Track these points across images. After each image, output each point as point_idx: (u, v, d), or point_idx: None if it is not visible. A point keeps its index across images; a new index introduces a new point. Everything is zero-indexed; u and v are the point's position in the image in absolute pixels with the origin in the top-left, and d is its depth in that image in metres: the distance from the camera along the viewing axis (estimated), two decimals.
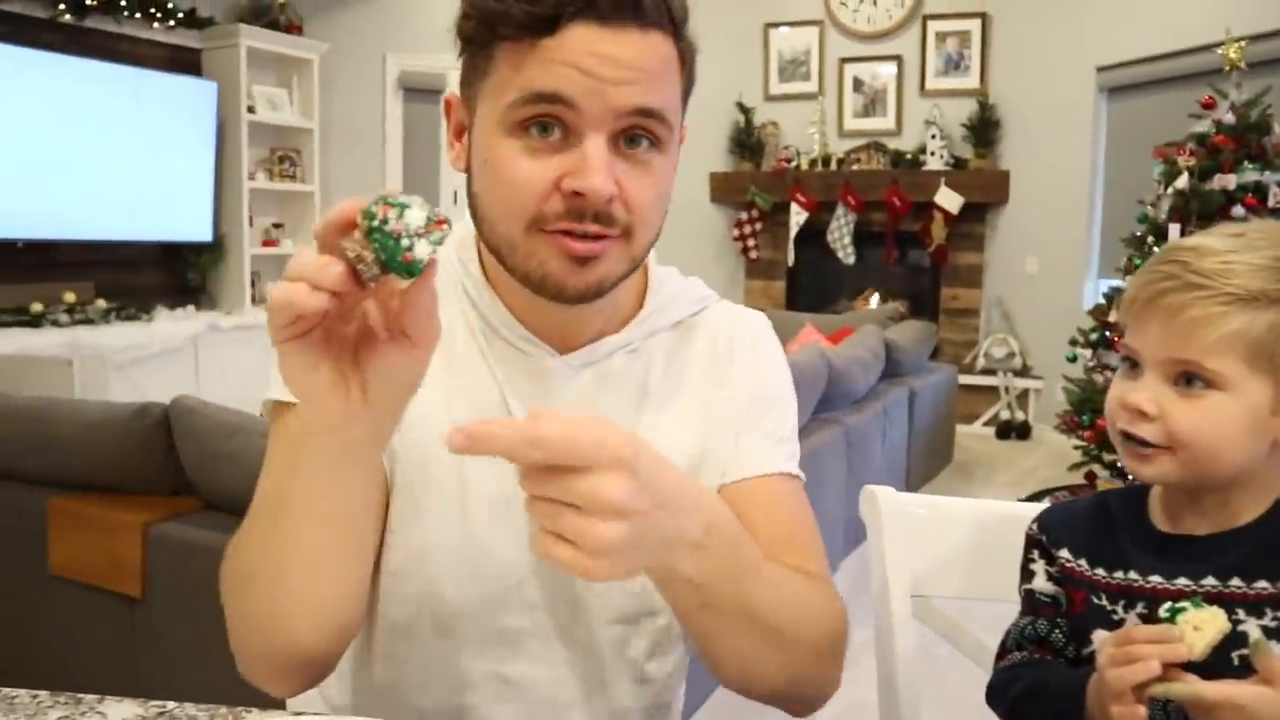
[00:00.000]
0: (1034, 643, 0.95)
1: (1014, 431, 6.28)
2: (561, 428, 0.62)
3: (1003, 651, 0.98)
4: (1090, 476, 4.80)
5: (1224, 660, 0.80)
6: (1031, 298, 6.39)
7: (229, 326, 5.48)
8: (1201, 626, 0.76)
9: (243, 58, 5.79)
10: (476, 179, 0.86)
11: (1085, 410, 4.61)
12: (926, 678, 1.16)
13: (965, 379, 6.15)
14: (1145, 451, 0.87)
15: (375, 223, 0.64)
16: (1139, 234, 4.69)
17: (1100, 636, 0.89)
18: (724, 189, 7.17)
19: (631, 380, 0.96)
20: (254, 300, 5.94)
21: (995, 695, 0.95)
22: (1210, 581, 0.85)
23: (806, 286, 7.17)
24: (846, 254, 6.77)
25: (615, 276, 0.87)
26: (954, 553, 1.12)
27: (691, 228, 7.19)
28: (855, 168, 6.82)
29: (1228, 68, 4.44)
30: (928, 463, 5.14)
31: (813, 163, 6.92)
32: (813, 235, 6.85)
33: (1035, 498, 4.69)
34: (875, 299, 6.88)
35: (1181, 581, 0.87)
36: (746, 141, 7.07)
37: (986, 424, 6.47)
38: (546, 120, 0.81)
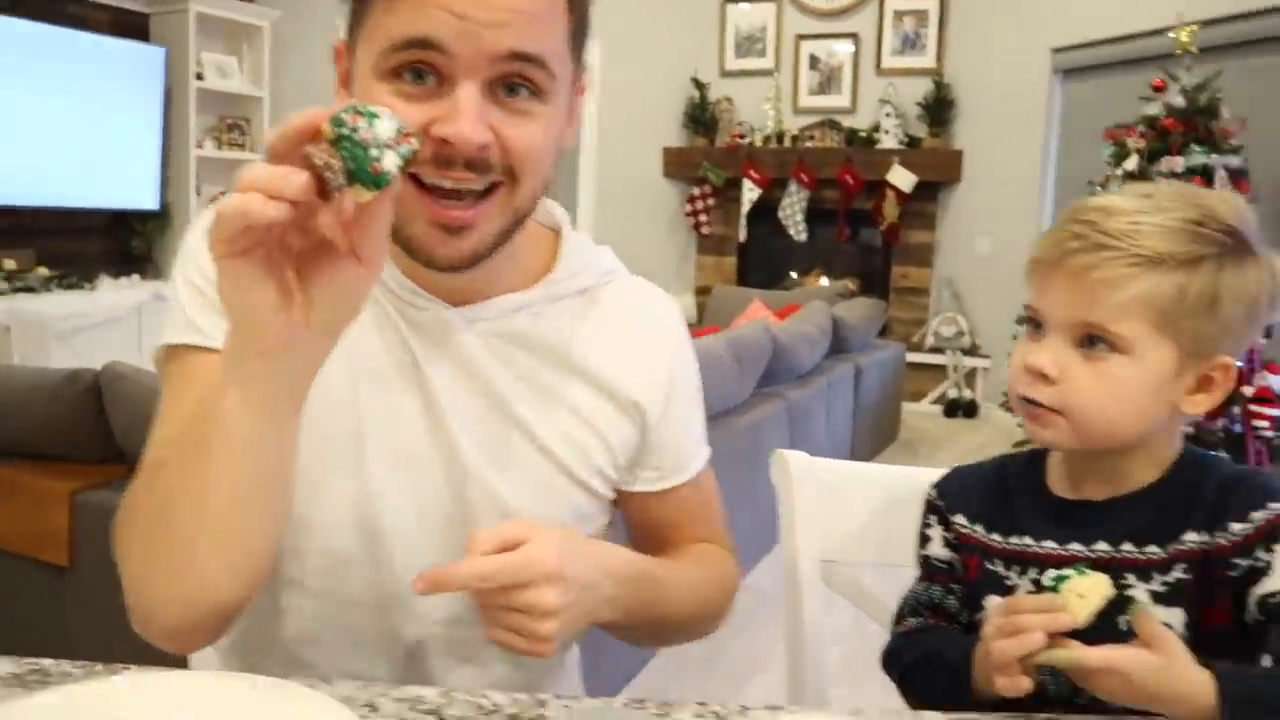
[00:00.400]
0: (929, 609, 0.97)
1: (961, 410, 6.36)
2: (500, 561, 0.77)
3: (899, 617, 0.99)
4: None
5: (1111, 626, 0.81)
6: (982, 277, 6.45)
7: (173, 294, 5.39)
8: (1086, 594, 0.77)
9: (191, 23, 5.67)
10: None
11: None
12: (834, 643, 1.18)
13: (914, 357, 6.21)
14: (1043, 415, 0.87)
15: (345, 130, 0.63)
16: None
17: (993, 603, 0.91)
18: (677, 164, 7.16)
19: (538, 342, 0.94)
20: None
21: (890, 661, 0.96)
22: (1102, 547, 0.87)
23: (758, 263, 7.19)
24: (798, 231, 6.79)
25: (492, 239, 0.84)
26: (864, 519, 1.13)
27: (644, 203, 7.18)
28: (809, 145, 6.84)
29: (1179, 51, 4.50)
30: (873, 439, 5.19)
31: (766, 139, 6.92)
32: (765, 212, 6.86)
33: None
34: (825, 277, 6.91)
35: (1074, 547, 0.88)
36: (700, 117, 7.05)
37: (934, 402, 6.54)
38: (420, 67, 0.79)
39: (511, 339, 0.93)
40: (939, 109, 6.51)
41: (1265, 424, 4.19)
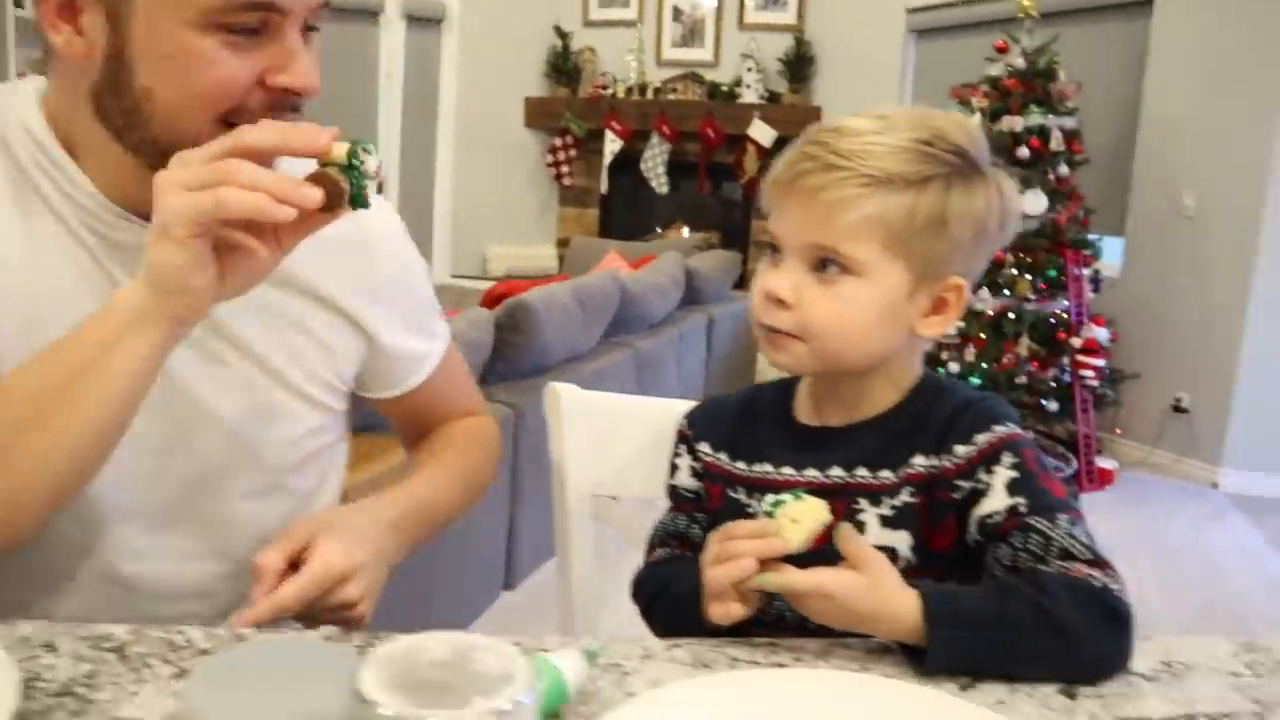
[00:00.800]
0: (675, 538, 0.95)
1: None
2: (300, 587, 0.81)
3: (650, 548, 0.98)
4: None
5: (835, 550, 0.80)
6: None
7: None
8: (799, 519, 0.76)
9: None
10: (148, 73, 0.80)
11: None
12: (608, 575, 1.16)
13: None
14: (781, 340, 0.86)
15: (357, 162, 0.73)
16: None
17: (715, 533, 0.89)
18: (539, 114, 7.04)
19: None
20: None
21: (637, 590, 0.94)
22: (837, 472, 0.86)
23: (620, 215, 7.15)
24: (660, 183, 6.77)
25: None
26: (633, 452, 1.11)
27: (505, 152, 7.05)
28: (671, 97, 6.80)
29: (1021, 15, 4.62)
30: (725, 389, 5.21)
31: (629, 91, 6.86)
32: (627, 164, 6.81)
33: None
34: (686, 229, 6.92)
35: (810, 473, 0.87)
36: (563, 67, 6.94)
37: None
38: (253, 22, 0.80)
39: None
40: (799, 65, 6.55)
41: (1091, 374, 4.39)
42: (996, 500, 0.81)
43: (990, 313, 4.40)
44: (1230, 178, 4.42)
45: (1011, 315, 4.38)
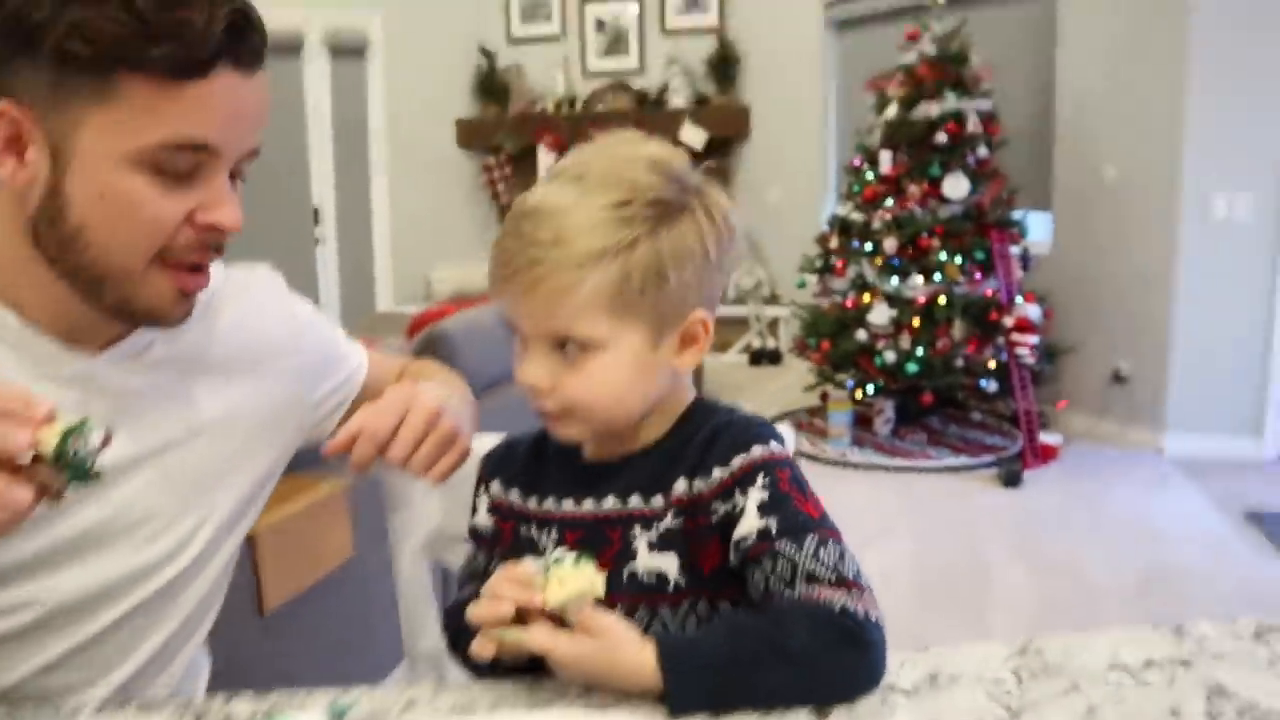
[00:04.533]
0: (477, 578, 0.96)
1: (765, 358, 6.51)
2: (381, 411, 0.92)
3: (460, 585, 0.99)
4: (824, 396, 5.05)
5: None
6: (776, 228, 6.59)
7: None
8: (565, 581, 0.76)
9: None
10: (82, 207, 0.83)
11: (812, 334, 4.83)
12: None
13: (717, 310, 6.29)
14: (556, 419, 0.88)
15: (67, 457, 0.70)
16: (857, 162, 4.91)
17: (499, 570, 0.90)
18: (470, 134, 7.03)
19: (182, 364, 0.99)
20: None
21: (444, 630, 0.95)
22: (610, 503, 0.88)
23: None
24: None
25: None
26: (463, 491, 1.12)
27: (439, 176, 7.03)
28: (601, 108, 6.82)
29: (930, 3, 4.67)
30: None
31: (559, 105, 6.87)
32: None
33: (777, 419, 4.88)
34: None
35: (588, 505, 0.89)
36: (491, 86, 6.93)
37: (740, 352, 6.68)
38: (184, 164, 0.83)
39: (158, 367, 0.97)
40: (724, 66, 6.58)
41: (1026, 351, 4.43)
42: (749, 523, 0.82)
43: (921, 299, 4.44)
44: (1148, 145, 4.48)
45: (943, 300, 4.43)
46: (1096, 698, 0.75)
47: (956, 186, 4.47)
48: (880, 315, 4.48)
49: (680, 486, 0.86)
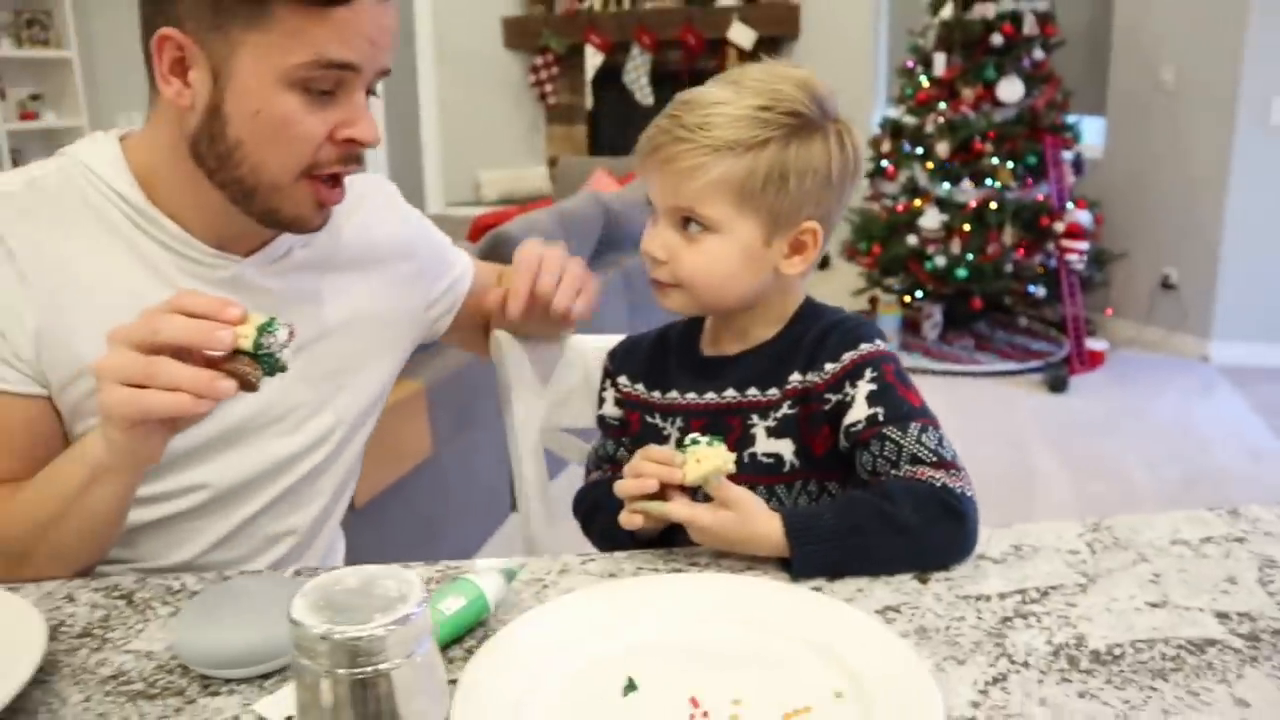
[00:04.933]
0: (606, 461, 1.08)
1: None
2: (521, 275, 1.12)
3: (587, 471, 1.11)
4: (873, 300, 5.11)
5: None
6: None
7: None
8: (702, 460, 0.86)
9: None
10: (239, 125, 0.92)
11: (863, 239, 4.87)
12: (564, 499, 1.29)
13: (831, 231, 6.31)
14: (663, 288, 0.98)
15: (263, 350, 0.79)
16: (910, 64, 4.88)
17: (639, 451, 1.01)
18: (517, 34, 7.01)
19: (314, 267, 1.09)
20: None
21: (576, 509, 1.07)
22: (730, 393, 0.99)
23: (608, 129, 7.16)
24: (644, 94, 6.77)
25: None
26: (580, 386, 1.23)
27: (486, 76, 7.04)
28: (649, 6, 6.75)
29: None
30: None
31: (605, 3, 6.81)
32: (610, 77, 6.81)
33: None
34: None
35: (709, 396, 0.99)
36: None
37: None
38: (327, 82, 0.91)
39: (294, 269, 1.07)
40: None
41: (1076, 257, 4.46)
42: (858, 410, 0.93)
43: (973, 204, 4.46)
44: (1207, 49, 4.42)
45: (994, 205, 4.44)
46: (1161, 567, 0.86)
47: (1011, 90, 4.44)
48: (931, 220, 4.51)
49: (795, 379, 0.96)
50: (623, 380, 1.07)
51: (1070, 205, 4.46)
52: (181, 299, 0.80)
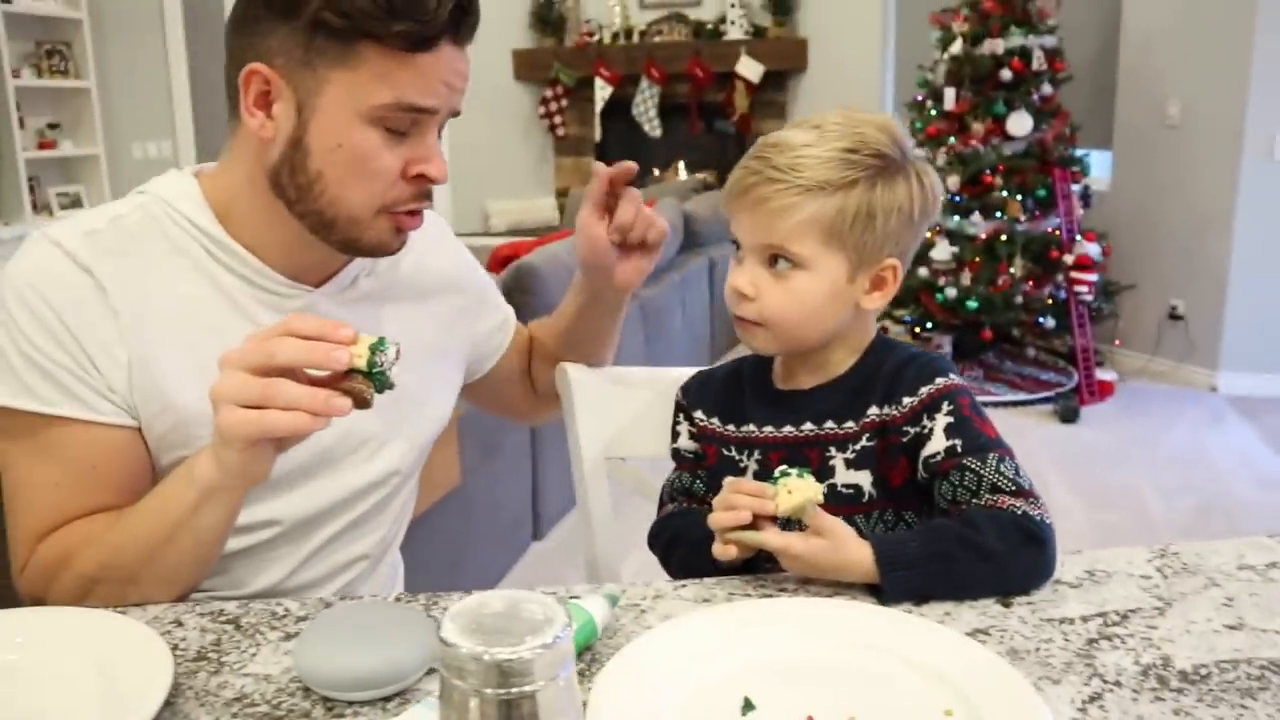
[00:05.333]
0: (682, 494, 1.11)
1: None
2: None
3: (660, 503, 1.14)
4: (884, 330, 5.14)
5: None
6: None
7: (9, 237, 5.20)
8: (795, 491, 0.89)
9: None
10: (320, 157, 0.96)
11: None
12: (626, 526, 1.32)
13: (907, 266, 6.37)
14: (749, 326, 1.02)
15: (377, 369, 0.81)
16: (919, 98, 4.95)
17: (728, 482, 1.05)
18: (527, 66, 7.10)
19: (377, 298, 1.12)
20: (35, 208, 5.61)
21: (653, 541, 1.10)
22: (808, 427, 1.02)
23: (616, 160, 7.19)
24: (652, 126, 6.86)
25: None
26: (640, 417, 1.26)
27: (497, 108, 7.12)
28: (658, 40, 6.86)
29: None
30: (730, 331, 5.35)
31: (615, 36, 6.91)
32: (619, 109, 6.90)
33: None
34: (683, 169, 7.01)
35: (787, 429, 1.03)
36: (548, 17, 6.99)
37: None
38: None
39: (367, 299, 1.11)
40: None
41: (1085, 289, 4.51)
42: (937, 442, 0.96)
43: (983, 236, 4.51)
44: (1212, 83, 4.49)
45: (1004, 237, 4.50)
46: (1232, 591, 0.89)
47: (1020, 124, 4.51)
48: (942, 252, 4.56)
49: (873, 412, 0.99)
50: (699, 414, 1.10)
51: (1079, 238, 4.52)
52: (292, 322, 0.83)
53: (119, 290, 0.97)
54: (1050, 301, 4.54)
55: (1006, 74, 4.54)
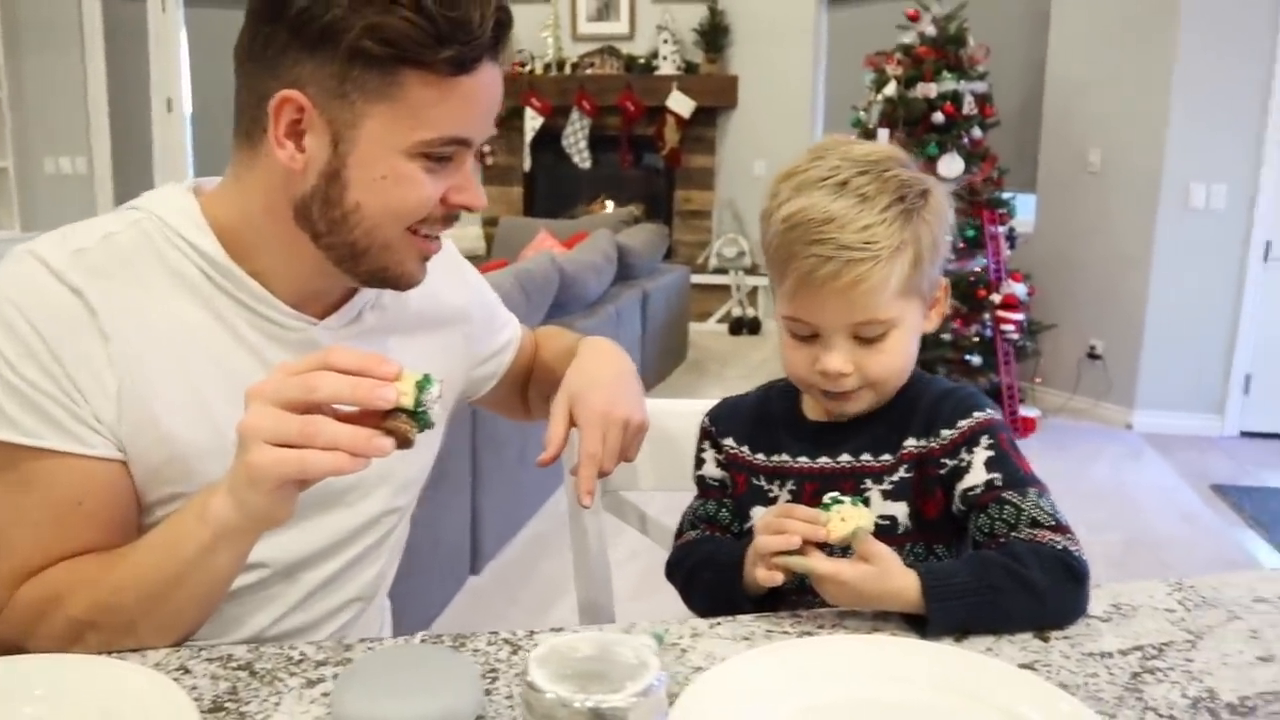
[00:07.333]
0: (705, 521, 1.09)
1: (745, 327, 6.66)
2: (594, 442, 1.04)
3: (680, 531, 1.11)
4: None
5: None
6: (760, 199, 6.67)
7: None
8: (848, 519, 0.88)
9: None
10: (361, 189, 0.90)
11: None
12: (629, 560, 1.29)
13: (698, 278, 6.44)
14: (847, 396, 1.00)
15: (422, 408, 0.77)
16: (853, 137, 5.04)
17: (758, 513, 1.03)
18: None
19: (381, 330, 1.07)
20: None
21: (673, 569, 1.07)
22: (845, 458, 1.01)
23: (544, 192, 7.23)
24: (582, 158, 6.87)
25: None
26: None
27: None
28: (589, 72, 6.89)
29: None
30: (662, 361, 5.38)
31: (547, 67, 6.92)
32: (549, 140, 6.90)
33: None
34: (611, 203, 7.04)
35: (823, 460, 1.02)
36: None
37: (720, 321, 6.82)
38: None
39: (371, 334, 1.05)
40: (714, 35, 6.68)
41: (1011, 328, 4.62)
42: (976, 476, 0.96)
43: None
44: (1132, 133, 4.68)
45: None
46: (1255, 624, 0.90)
47: (952, 166, 4.62)
48: None
49: (910, 444, 0.99)
50: (728, 442, 1.08)
51: (1006, 278, 4.64)
52: (332, 355, 0.77)
53: (110, 313, 0.90)
54: (977, 340, 4.65)
55: (939, 117, 4.65)
